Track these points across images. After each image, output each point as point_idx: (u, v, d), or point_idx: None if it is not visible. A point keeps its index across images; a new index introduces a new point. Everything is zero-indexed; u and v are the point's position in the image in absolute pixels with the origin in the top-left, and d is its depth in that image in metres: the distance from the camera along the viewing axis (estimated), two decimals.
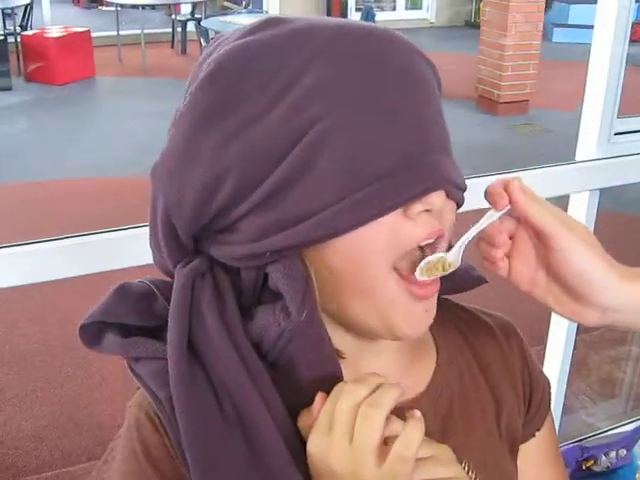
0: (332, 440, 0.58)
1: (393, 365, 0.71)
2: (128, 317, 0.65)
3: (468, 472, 0.69)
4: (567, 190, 1.73)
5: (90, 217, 3.94)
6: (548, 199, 0.67)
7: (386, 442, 0.58)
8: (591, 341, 3.00)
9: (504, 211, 0.64)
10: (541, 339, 1.99)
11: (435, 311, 0.65)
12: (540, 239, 0.64)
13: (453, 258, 0.64)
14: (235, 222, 0.61)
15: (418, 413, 0.59)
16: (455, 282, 0.69)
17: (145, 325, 0.65)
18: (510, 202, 0.63)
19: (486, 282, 0.74)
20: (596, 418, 2.56)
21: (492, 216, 0.64)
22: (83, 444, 2.60)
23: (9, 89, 7.43)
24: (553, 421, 0.84)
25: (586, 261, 0.63)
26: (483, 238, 0.66)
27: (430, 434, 0.65)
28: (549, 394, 0.82)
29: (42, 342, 3.18)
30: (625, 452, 2.04)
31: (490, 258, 0.66)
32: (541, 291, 0.67)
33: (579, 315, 0.66)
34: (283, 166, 0.57)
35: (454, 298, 0.79)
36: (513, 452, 0.77)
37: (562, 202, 1.79)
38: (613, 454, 2.03)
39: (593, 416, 2.59)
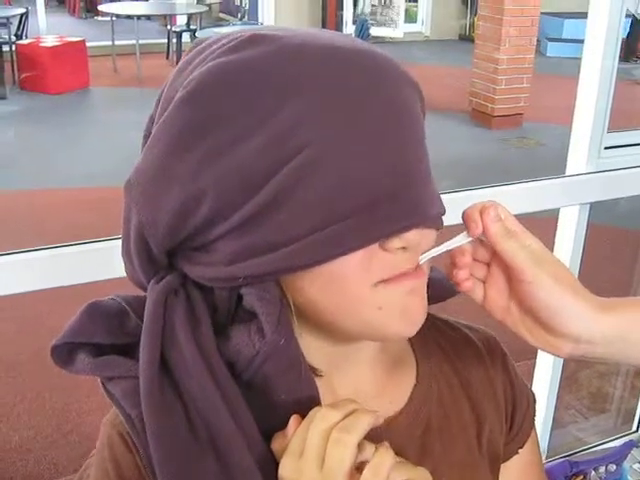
0: (303, 464, 0.57)
1: (370, 381, 0.70)
2: (99, 336, 0.63)
3: None
4: (557, 204, 1.73)
5: (80, 226, 3.93)
6: (537, 213, 0.67)
7: (359, 468, 0.57)
8: None
9: (473, 238, 0.64)
10: (531, 353, 1.98)
11: (426, 305, 0.63)
12: (510, 271, 0.64)
13: None
14: (210, 243, 0.59)
15: (386, 444, 0.58)
16: (430, 292, 0.68)
17: (117, 343, 0.63)
18: (483, 230, 0.63)
19: (458, 293, 0.73)
20: (586, 433, 2.55)
21: (462, 240, 0.64)
22: (71, 455, 2.57)
23: (3, 98, 7.42)
24: (537, 438, 0.83)
25: (552, 296, 0.63)
26: (448, 256, 0.66)
27: (408, 452, 0.66)
28: (533, 410, 0.81)
29: (31, 352, 3.15)
30: (615, 467, 2.03)
31: (452, 277, 0.66)
32: (514, 321, 0.66)
33: (552, 346, 0.65)
34: (262, 193, 0.55)
35: (438, 309, 0.78)
36: (494, 471, 0.76)
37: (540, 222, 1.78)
38: (603, 469, 2.02)
39: (583, 431, 2.58)
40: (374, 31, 9.98)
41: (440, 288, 0.70)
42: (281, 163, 0.54)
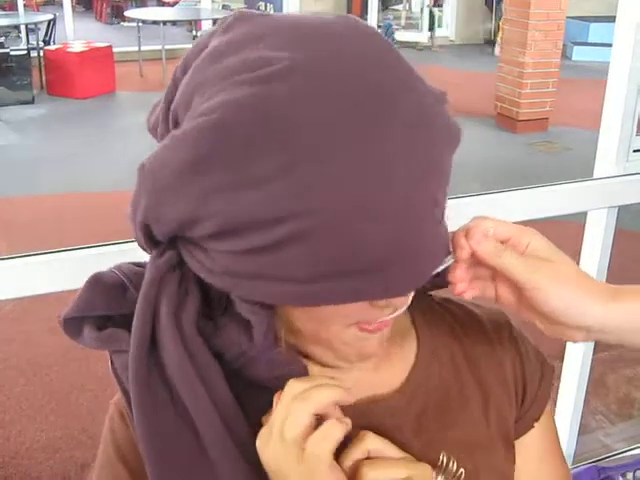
0: (270, 432, 0.60)
1: (371, 359, 0.71)
2: (100, 308, 0.66)
3: (448, 464, 0.69)
4: (585, 207, 1.72)
5: (107, 231, 3.95)
6: (564, 217, 0.67)
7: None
8: (608, 360, 2.97)
9: (452, 261, 0.64)
10: (559, 357, 1.97)
11: (387, 338, 0.67)
12: (511, 281, 0.65)
13: None
14: (209, 250, 0.59)
15: (347, 420, 0.60)
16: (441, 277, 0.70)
17: (117, 314, 0.66)
18: (472, 253, 0.64)
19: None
20: (613, 439, 2.53)
21: (448, 261, 0.64)
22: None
23: (31, 102, 7.52)
24: (553, 416, 0.82)
25: (557, 298, 0.63)
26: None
27: (402, 431, 0.68)
28: (548, 383, 0.81)
29: (59, 354, 3.19)
30: None
31: (454, 291, 0.67)
32: (528, 315, 0.67)
33: (565, 336, 0.67)
34: (261, 235, 0.54)
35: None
36: (508, 447, 0.76)
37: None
38: (630, 475, 2.00)
39: (610, 437, 2.55)
40: (399, 36, 9.99)
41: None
42: (284, 219, 0.53)
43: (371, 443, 0.63)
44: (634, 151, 1.74)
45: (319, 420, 0.60)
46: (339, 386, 0.61)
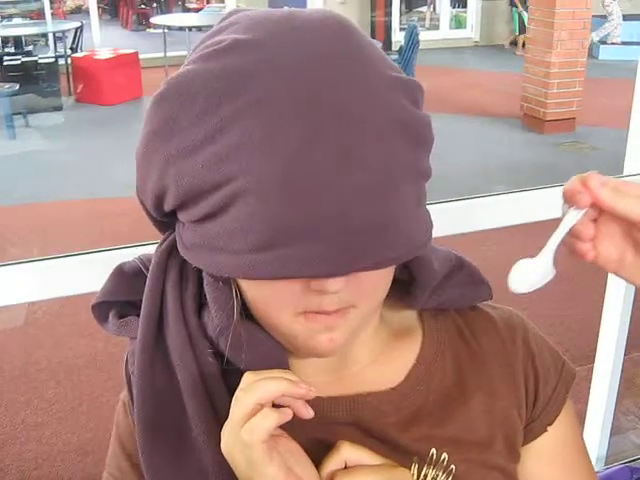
0: (226, 424, 0.61)
1: (366, 354, 0.72)
2: (123, 295, 0.71)
3: (439, 460, 0.69)
4: None
5: (136, 234, 3.98)
6: None
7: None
8: None
9: (585, 210, 0.62)
10: (590, 358, 1.95)
11: (345, 337, 0.64)
12: (627, 223, 0.63)
13: (543, 267, 0.63)
14: (185, 223, 0.63)
15: (287, 410, 0.61)
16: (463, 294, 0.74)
17: (141, 299, 0.69)
18: (593, 200, 0.61)
19: (491, 298, 0.78)
20: None
21: (577, 216, 0.62)
22: None
23: (60, 109, 7.61)
24: (573, 415, 0.80)
25: None
26: (569, 233, 0.64)
27: (392, 426, 0.69)
28: (565, 388, 0.79)
29: (89, 356, 3.23)
30: None
31: (580, 252, 0.64)
32: (629, 271, 0.65)
33: None
34: (205, 202, 0.58)
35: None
36: (510, 445, 0.74)
37: None
38: None
39: None
40: (423, 36, 9.98)
41: (466, 292, 0.76)
42: (218, 183, 0.56)
43: (347, 453, 0.62)
44: None
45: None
46: (289, 379, 0.61)
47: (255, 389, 0.60)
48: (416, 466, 0.69)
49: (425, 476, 0.69)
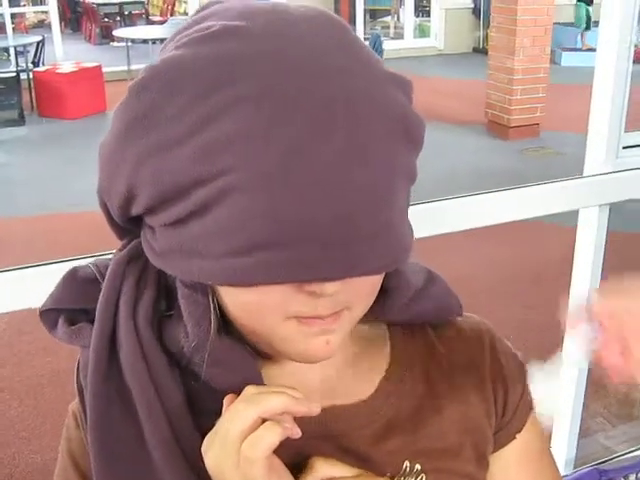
0: (214, 439, 0.58)
1: (336, 365, 0.69)
2: (73, 301, 0.66)
3: (412, 471, 0.68)
4: (576, 205, 1.70)
5: (95, 248, 3.93)
6: (557, 215, 0.65)
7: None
8: None
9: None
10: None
11: (339, 340, 0.61)
12: None
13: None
14: (155, 228, 0.59)
15: (286, 425, 0.58)
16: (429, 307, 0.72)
17: (93, 307, 0.65)
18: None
19: (461, 313, 0.76)
20: (614, 441, 2.51)
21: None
22: None
23: (22, 123, 7.52)
24: (539, 425, 0.80)
25: None
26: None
27: (364, 440, 0.67)
28: (531, 394, 0.79)
29: (52, 373, 3.16)
30: None
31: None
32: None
33: None
34: (187, 201, 0.54)
35: None
36: (479, 453, 0.74)
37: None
38: (633, 477, 1.98)
39: (611, 439, 2.53)
40: (387, 45, 10.03)
41: (441, 306, 0.74)
42: (205, 179, 0.52)
43: (322, 470, 0.61)
44: (623, 148, 1.73)
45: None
46: (292, 396, 0.58)
47: (258, 402, 0.57)
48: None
49: None
